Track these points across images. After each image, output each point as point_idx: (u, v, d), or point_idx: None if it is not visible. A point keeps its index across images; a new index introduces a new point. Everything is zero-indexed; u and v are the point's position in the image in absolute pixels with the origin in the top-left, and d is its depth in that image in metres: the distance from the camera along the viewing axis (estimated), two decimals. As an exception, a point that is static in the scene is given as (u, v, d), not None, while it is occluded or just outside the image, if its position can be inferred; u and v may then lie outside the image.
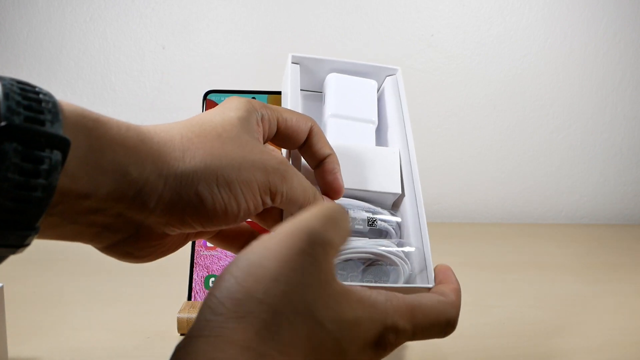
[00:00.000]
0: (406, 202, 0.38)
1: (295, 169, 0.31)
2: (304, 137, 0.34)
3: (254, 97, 0.55)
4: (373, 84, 0.45)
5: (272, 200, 0.30)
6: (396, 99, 0.44)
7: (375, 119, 0.43)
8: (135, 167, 0.25)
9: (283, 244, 0.24)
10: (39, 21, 0.93)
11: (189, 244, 0.51)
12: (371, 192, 0.38)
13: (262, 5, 0.94)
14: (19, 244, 0.22)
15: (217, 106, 0.32)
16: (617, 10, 0.96)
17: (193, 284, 0.52)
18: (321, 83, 0.45)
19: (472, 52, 0.96)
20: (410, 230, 0.37)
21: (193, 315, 0.48)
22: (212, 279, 0.52)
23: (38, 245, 0.29)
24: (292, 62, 0.44)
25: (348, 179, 0.37)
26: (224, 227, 0.32)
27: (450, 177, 1.00)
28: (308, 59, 0.45)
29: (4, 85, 0.21)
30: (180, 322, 0.48)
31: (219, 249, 0.52)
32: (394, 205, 0.40)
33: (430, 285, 0.33)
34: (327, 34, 0.94)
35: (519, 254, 0.79)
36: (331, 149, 0.35)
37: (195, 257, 0.52)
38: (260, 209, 0.30)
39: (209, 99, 0.55)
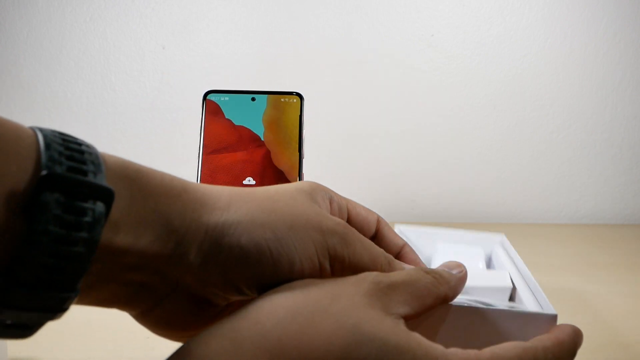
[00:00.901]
0: (521, 294, 0.38)
1: (359, 234, 0.28)
2: (373, 228, 0.32)
3: (254, 98, 0.55)
4: (479, 251, 0.47)
5: (332, 266, 0.26)
6: (507, 257, 0.46)
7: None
8: (177, 216, 0.24)
9: (347, 277, 0.26)
10: (39, 21, 0.93)
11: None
12: (479, 287, 0.38)
13: (262, 5, 0.94)
14: (58, 308, 0.20)
15: None
16: (617, 10, 0.96)
17: (193, 284, 0.51)
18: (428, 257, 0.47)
19: (472, 52, 0.96)
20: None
21: (193, 315, 0.48)
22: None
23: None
24: None
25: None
26: None
27: (450, 177, 1.00)
28: (411, 231, 0.48)
29: (45, 136, 0.20)
30: (180, 322, 0.48)
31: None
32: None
33: (552, 312, 0.32)
34: (327, 34, 0.94)
35: (519, 254, 0.78)
36: (402, 239, 0.33)
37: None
38: (317, 275, 0.26)
39: (209, 99, 0.55)
